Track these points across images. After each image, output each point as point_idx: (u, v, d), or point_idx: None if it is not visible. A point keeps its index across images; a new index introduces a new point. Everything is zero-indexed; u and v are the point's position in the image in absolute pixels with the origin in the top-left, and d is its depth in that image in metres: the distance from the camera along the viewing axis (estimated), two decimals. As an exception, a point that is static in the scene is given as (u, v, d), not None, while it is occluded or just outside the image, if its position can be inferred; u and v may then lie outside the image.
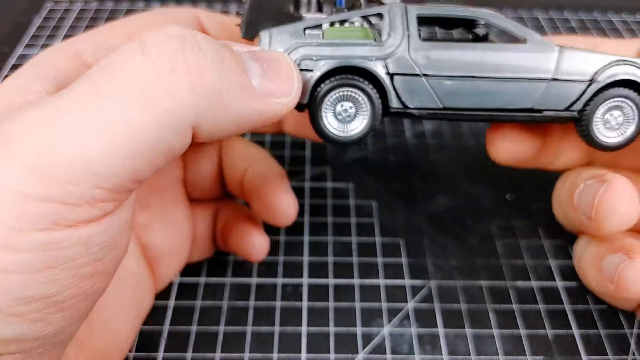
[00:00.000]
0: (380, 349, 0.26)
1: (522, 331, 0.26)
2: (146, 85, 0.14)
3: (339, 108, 0.20)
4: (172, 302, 0.27)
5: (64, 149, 0.13)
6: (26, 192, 0.13)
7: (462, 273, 0.29)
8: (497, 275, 0.29)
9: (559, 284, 0.29)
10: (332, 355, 0.25)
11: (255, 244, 0.25)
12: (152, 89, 0.14)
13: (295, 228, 0.31)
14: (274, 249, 0.30)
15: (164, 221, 0.24)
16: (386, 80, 0.19)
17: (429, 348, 0.26)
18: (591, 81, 0.20)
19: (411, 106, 0.20)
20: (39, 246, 0.13)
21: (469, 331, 0.26)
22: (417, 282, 0.29)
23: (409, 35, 0.20)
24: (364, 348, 0.26)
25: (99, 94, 0.14)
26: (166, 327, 0.26)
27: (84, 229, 0.14)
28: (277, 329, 0.26)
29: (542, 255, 0.30)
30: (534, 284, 0.29)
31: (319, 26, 0.20)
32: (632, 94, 0.20)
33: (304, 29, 0.20)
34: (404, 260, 0.30)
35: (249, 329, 0.26)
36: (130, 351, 0.25)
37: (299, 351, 0.25)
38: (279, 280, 0.28)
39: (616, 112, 0.21)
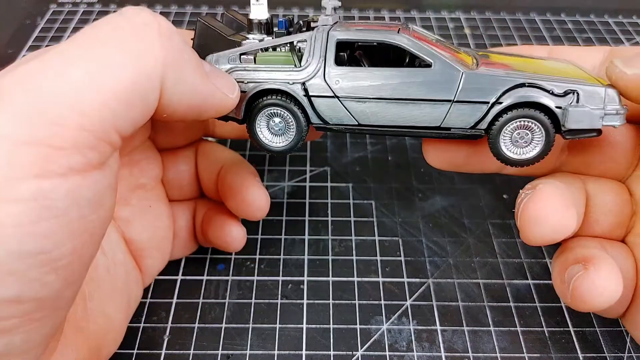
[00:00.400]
0: (379, 345, 0.26)
1: (519, 328, 0.27)
2: (123, 36, 0.15)
3: (271, 123, 0.22)
4: (174, 300, 0.28)
5: (50, 91, 0.14)
6: (14, 137, 0.13)
7: (460, 271, 0.29)
8: (494, 274, 0.29)
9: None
10: (331, 352, 0.26)
11: (233, 233, 0.26)
12: (130, 43, 0.15)
13: (295, 227, 0.31)
14: (275, 247, 0.30)
15: (145, 217, 0.25)
16: (305, 100, 0.22)
17: (427, 345, 0.26)
18: (494, 103, 0.21)
19: (330, 123, 0.22)
20: (30, 196, 0.13)
21: (466, 328, 0.27)
22: (415, 280, 0.29)
23: (325, 60, 0.22)
24: (363, 345, 0.26)
25: (82, 46, 0.15)
26: (169, 324, 0.27)
27: (72, 181, 0.14)
28: (278, 325, 0.27)
29: (539, 254, 0.30)
30: (531, 282, 0.29)
31: (253, 52, 0.22)
32: (536, 114, 0.21)
33: (240, 55, 0.22)
34: (402, 258, 0.30)
35: (251, 325, 0.27)
36: (133, 348, 0.25)
37: (300, 348, 0.26)
38: (280, 278, 0.29)
39: (523, 131, 0.21)
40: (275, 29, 0.24)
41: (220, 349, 0.26)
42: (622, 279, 0.21)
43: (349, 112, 0.22)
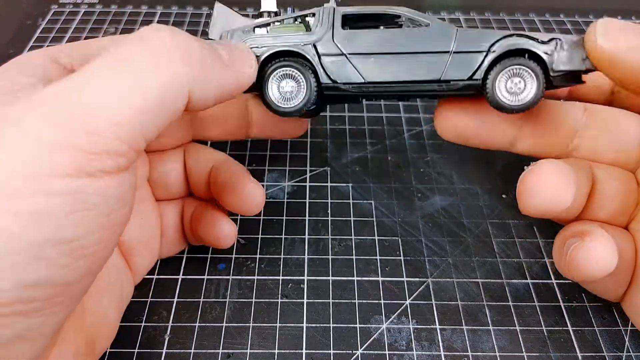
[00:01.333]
0: (379, 344, 0.26)
1: (518, 327, 0.27)
2: (152, 59, 0.17)
3: (282, 84, 0.24)
4: (175, 299, 0.28)
5: (91, 104, 0.16)
6: (53, 141, 0.15)
7: (459, 271, 0.30)
8: (493, 273, 0.30)
9: (554, 281, 0.29)
10: (331, 351, 0.26)
11: (225, 230, 0.27)
12: (155, 62, 0.17)
13: (295, 227, 0.32)
14: (275, 247, 0.31)
15: (134, 216, 0.25)
16: (315, 59, 0.24)
17: (426, 344, 0.26)
18: (487, 52, 0.23)
19: (339, 81, 0.24)
20: (65, 191, 0.15)
21: (465, 327, 0.27)
22: (415, 279, 0.29)
23: (333, 26, 0.24)
24: (363, 344, 0.26)
25: (114, 68, 0.17)
26: (169, 323, 0.27)
27: (102, 181, 0.16)
28: (278, 324, 0.27)
29: (538, 254, 0.31)
30: (530, 281, 0.29)
31: (265, 25, 0.24)
32: (527, 61, 0.23)
33: (254, 28, 0.24)
34: (402, 258, 0.30)
35: (251, 324, 0.27)
36: (134, 347, 0.26)
37: (300, 347, 0.26)
38: (280, 278, 0.29)
39: (516, 79, 0.23)
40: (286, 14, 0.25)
41: (221, 348, 0.26)
42: (617, 252, 0.22)
43: (356, 69, 0.24)
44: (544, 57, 0.23)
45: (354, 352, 0.26)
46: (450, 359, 0.26)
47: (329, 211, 0.33)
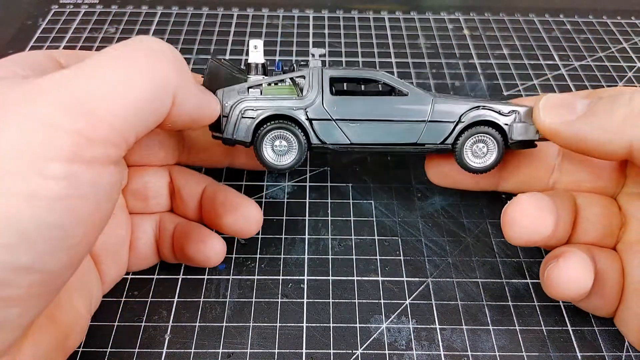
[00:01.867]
0: (378, 344, 0.26)
1: (518, 327, 0.27)
2: (145, 60, 0.19)
3: (276, 144, 0.26)
4: (175, 299, 0.28)
5: (88, 91, 0.16)
6: (55, 123, 0.15)
7: (459, 270, 0.30)
8: (492, 273, 0.30)
9: (554, 281, 0.29)
10: (331, 350, 0.26)
11: (216, 247, 0.27)
12: (149, 63, 0.19)
13: (295, 227, 0.32)
14: (275, 247, 0.31)
15: None
16: (306, 124, 0.26)
17: (426, 343, 0.26)
18: (457, 122, 0.27)
19: (327, 142, 0.26)
20: (62, 175, 0.15)
21: (465, 327, 0.27)
22: (415, 279, 0.29)
23: (322, 90, 0.26)
24: (363, 343, 0.26)
25: (116, 63, 0.18)
26: (170, 323, 0.27)
27: (95, 170, 0.17)
28: (278, 324, 0.27)
29: (537, 254, 0.31)
30: (529, 281, 0.29)
31: (259, 85, 0.26)
32: (490, 130, 0.27)
33: (248, 88, 0.26)
34: (401, 258, 0.30)
35: (251, 324, 0.27)
36: (134, 347, 0.26)
37: (300, 346, 0.26)
38: (280, 277, 0.29)
39: (481, 144, 0.27)
40: (272, 69, 0.28)
41: (221, 347, 0.26)
42: (592, 271, 0.24)
43: (343, 132, 0.26)
44: (505, 127, 0.27)
45: (354, 351, 0.26)
46: (450, 358, 0.26)
47: (329, 211, 0.33)
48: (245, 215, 0.27)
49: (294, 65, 0.28)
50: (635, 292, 0.24)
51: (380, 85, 0.28)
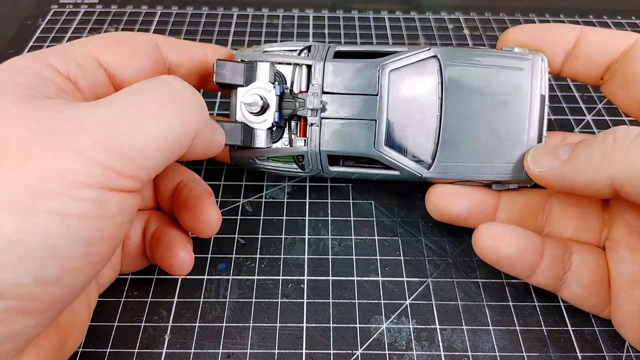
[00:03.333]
0: (378, 344, 0.26)
1: (518, 327, 0.27)
2: (179, 107, 0.21)
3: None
4: (175, 299, 0.28)
5: (129, 135, 0.18)
6: (94, 158, 0.17)
7: (459, 270, 0.30)
8: (493, 273, 0.29)
9: (554, 281, 0.29)
10: (331, 351, 0.26)
11: (179, 257, 0.25)
12: (182, 110, 0.21)
13: (295, 227, 0.32)
14: (275, 247, 0.31)
15: None
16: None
17: (426, 344, 0.26)
18: None
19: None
20: (92, 199, 0.17)
21: (465, 327, 0.27)
22: (415, 279, 0.29)
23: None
24: (363, 343, 0.26)
25: (151, 105, 0.20)
26: (169, 323, 0.27)
27: (122, 196, 0.19)
28: (278, 324, 0.27)
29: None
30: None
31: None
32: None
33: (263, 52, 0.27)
34: (401, 258, 0.30)
35: (251, 324, 0.27)
36: (134, 347, 0.26)
37: (300, 347, 0.26)
38: (280, 278, 0.29)
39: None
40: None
41: (221, 347, 0.26)
42: (520, 240, 0.26)
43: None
44: None
45: (354, 352, 0.26)
46: (450, 359, 0.26)
47: (329, 211, 0.33)
48: (200, 216, 0.26)
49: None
50: (622, 290, 0.25)
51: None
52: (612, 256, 0.26)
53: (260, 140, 0.28)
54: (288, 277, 0.29)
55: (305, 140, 0.28)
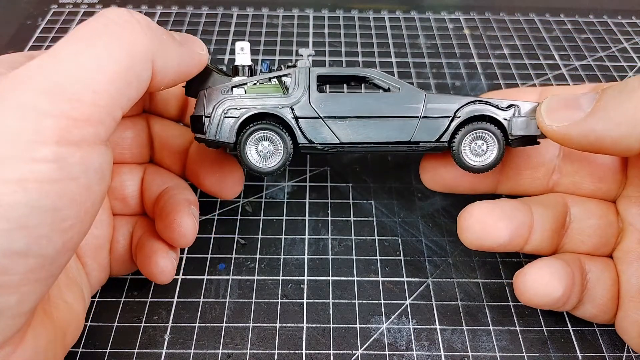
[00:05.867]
0: (379, 344, 0.26)
1: (518, 327, 0.27)
2: (117, 33, 0.19)
3: (259, 147, 0.25)
4: (175, 299, 0.28)
5: (66, 73, 0.17)
6: (40, 109, 0.16)
7: (459, 271, 0.30)
8: (493, 273, 0.29)
9: (554, 281, 0.29)
10: (331, 351, 0.26)
11: (160, 264, 0.25)
12: (121, 35, 0.19)
13: (295, 227, 0.32)
14: (275, 247, 0.31)
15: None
16: (292, 122, 0.25)
17: (426, 344, 0.26)
18: (453, 117, 0.25)
19: (315, 142, 0.25)
20: (51, 158, 0.16)
21: (465, 327, 0.27)
22: (415, 279, 0.29)
23: (309, 88, 0.25)
24: (363, 344, 0.26)
25: (85, 41, 0.18)
26: (169, 324, 0.27)
27: (84, 150, 0.17)
28: (278, 325, 0.27)
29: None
30: (530, 281, 0.29)
31: (243, 85, 0.25)
32: (489, 126, 0.25)
33: (232, 87, 0.25)
34: (402, 258, 0.30)
35: (251, 325, 0.27)
36: (134, 348, 0.26)
37: (300, 347, 0.26)
38: (280, 278, 0.29)
39: (479, 141, 0.25)
40: (259, 69, 0.27)
41: (221, 348, 0.26)
42: (565, 280, 0.24)
43: (332, 131, 0.25)
44: (504, 122, 0.25)
45: (354, 352, 0.26)
46: (450, 359, 0.26)
47: (329, 211, 0.33)
48: (173, 225, 0.25)
49: (282, 66, 0.27)
50: (632, 300, 0.24)
51: (373, 85, 0.27)
52: (623, 267, 0.25)
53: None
54: (288, 277, 0.29)
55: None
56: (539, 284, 0.24)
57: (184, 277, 0.29)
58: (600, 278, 0.25)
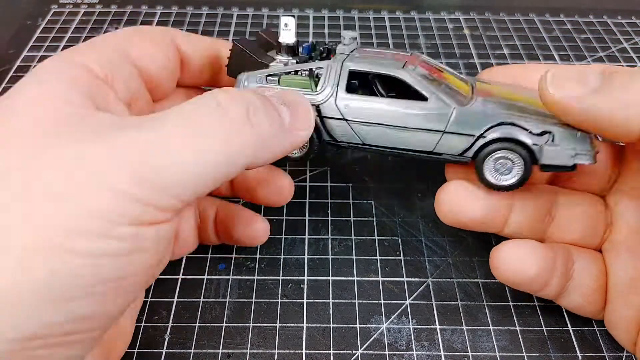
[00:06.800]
0: (378, 344, 0.26)
1: (518, 327, 0.27)
2: (225, 132, 0.18)
3: None
4: (175, 299, 0.28)
5: (162, 165, 0.17)
6: (128, 192, 0.16)
7: (459, 270, 0.30)
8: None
9: (554, 281, 0.29)
10: (331, 351, 0.26)
11: (261, 228, 0.28)
12: (229, 136, 0.18)
13: (295, 227, 0.32)
14: (275, 247, 0.31)
15: None
16: (318, 121, 0.25)
17: (426, 344, 0.26)
18: (479, 136, 0.24)
19: (339, 140, 0.26)
20: (127, 237, 0.16)
21: (465, 327, 0.27)
22: (415, 279, 0.29)
23: (337, 86, 0.25)
24: (363, 344, 0.26)
25: (190, 132, 0.18)
26: (169, 324, 0.27)
27: (156, 228, 0.17)
28: (278, 325, 0.27)
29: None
30: (530, 281, 0.29)
31: (277, 75, 0.25)
32: (516, 147, 0.24)
33: (267, 76, 0.26)
34: (402, 258, 0.30)
35: (251, 325, 0.27)
36: (134, 347, 0.26)
37: (300, 347, 0.26)
38: (280, 278, 0.29)
39: (505, 161, 0.24)
40: (300, 50, 0.27)
41: (221, 348, 0.26)
42: (540, 260, 0.24)
43: (355, 133, 0.25)
44: (534, 148, 0.23)
45: (354, 352, 0.26)
46: (450, 359, 0.26)
47: (329, 211, 0.33)
48: (278, 188, 0.27)
49: (321, 49, 0.27)
50: (620, 294, 0.24)
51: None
52: (612, 260, 0.25)
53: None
54: (288, 277, 0.29)
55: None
56: (512, 260, 0.24)
57: (184, 277, 0.29)
58: (587, 268, 0.25)
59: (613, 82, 0.20)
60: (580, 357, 0.26)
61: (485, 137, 0.24)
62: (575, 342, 0.26)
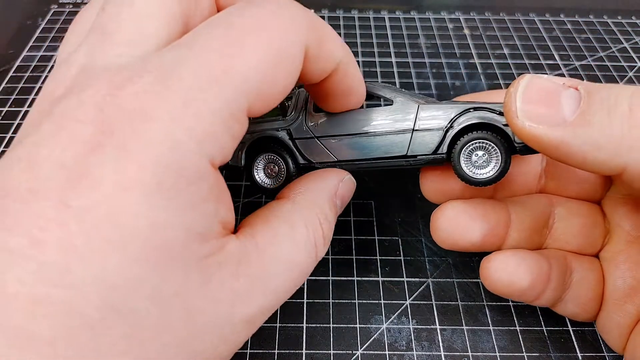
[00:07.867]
0: (378, 344, 0.26)
1: (518, 327, 0.27)
2: (285, 26, 0.18)
3: (267, 170, 0.26)
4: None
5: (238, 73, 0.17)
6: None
7: (459, 270, 0.30)
8: (493, 273, 0.29)
9: (554, 281, 0.29)
10: (331, 351, 0.26)
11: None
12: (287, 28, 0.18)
13: (295, 227, 0.32)
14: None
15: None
16: (290, 143, 0.26)
17: (426, 344, 0.26)
18: (448, 128, 0.24)
19: (313, 161, 0.26)
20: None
21: (465, 327, 0.27)
22: (415, 279, 0.29)
23: (305, 109, 0.26)
24: (363, 344, 0.26)
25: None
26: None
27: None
28: (278, 325, 0.27)
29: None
30: (530, 281, 0.29)
31: None
32: (487, 134, 0.23)
33: None
34: (402, 258, 0.30)
35: (251, 325, 0.27)
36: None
37: (300, 347, 0.26)
38: (280, 278, 0.29)
39: (480, 152, 0.23)
40: None
41: (221, 348, 0.26)
42: (533, 272, 0.23)
43: (327, 150, 0.25)
44: (505, 129, 0.23)
45: (354, 352, 0.26)
46: (450, 359, 0.26)
47: (329, 211, 0.32)
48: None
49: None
50: (617, 302, 0.24)
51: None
52: (610, 269, 0.25)
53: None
54: (288, 277, 0.29)
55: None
56: (503, 272, 0.23)
57: (184, 277, 0.29)
58: (585, 277, 0.25)
59: (590, 117, 0.18)
60: (580, 357, 0.26)
61: (453, 127, 0.23)
62: (575, 342, 0.26)
